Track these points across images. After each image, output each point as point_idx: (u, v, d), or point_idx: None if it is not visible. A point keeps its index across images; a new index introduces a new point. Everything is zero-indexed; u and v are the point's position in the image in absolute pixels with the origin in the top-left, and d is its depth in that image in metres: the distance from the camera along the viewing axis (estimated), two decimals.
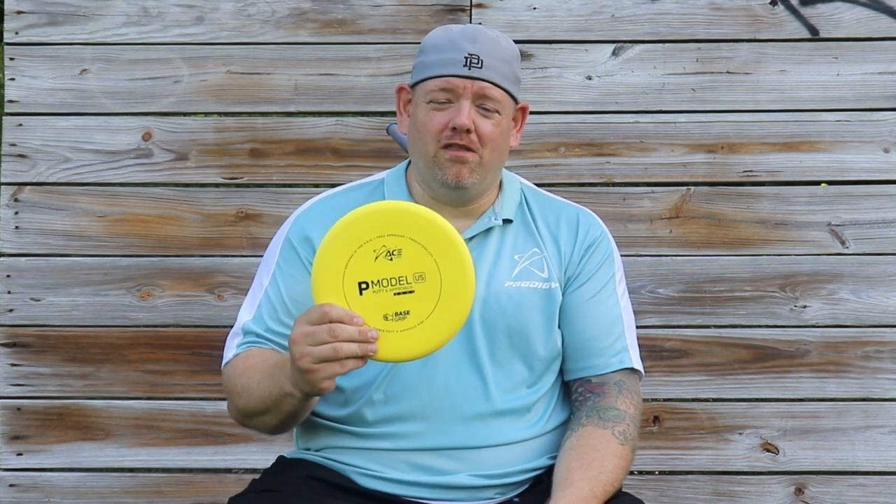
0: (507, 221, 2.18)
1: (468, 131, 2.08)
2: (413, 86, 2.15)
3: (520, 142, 2.22)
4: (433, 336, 1.86)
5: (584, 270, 2.18)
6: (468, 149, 2.09)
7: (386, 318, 1.85)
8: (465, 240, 2.09)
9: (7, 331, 3.08)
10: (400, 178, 2.21)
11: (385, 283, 1.85)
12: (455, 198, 2.14)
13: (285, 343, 2.11)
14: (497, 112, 2.11)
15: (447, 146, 2.09)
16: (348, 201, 2.18)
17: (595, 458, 2.03)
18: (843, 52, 3.07)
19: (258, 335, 2.14)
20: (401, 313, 1.85)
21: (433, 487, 2.08)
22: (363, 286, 1.85)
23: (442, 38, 2.12)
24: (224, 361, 2.16)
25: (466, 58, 2.08)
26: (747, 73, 3.08)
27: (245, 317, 2.17)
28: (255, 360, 2.09)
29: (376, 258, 1.85)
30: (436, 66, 2.10)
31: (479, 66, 2.08)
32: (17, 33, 3.11)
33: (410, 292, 1.85)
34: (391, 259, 1.85)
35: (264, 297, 2.16)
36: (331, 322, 1.83)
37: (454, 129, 2.08)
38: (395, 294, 1.85)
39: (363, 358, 1.85)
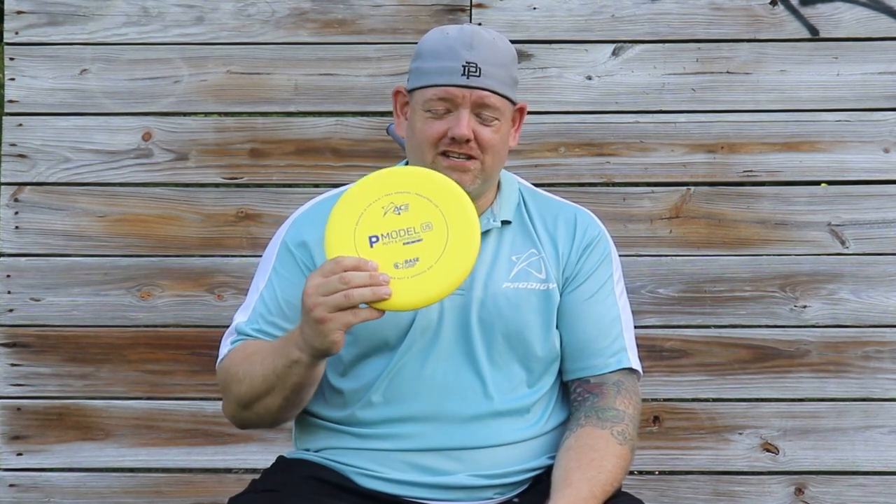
0: (505, 223, 2.18)
1: (467, 141, 2.07)
2: (410, 90, 2.15)
3: (518, 141, 2.22)
4: (444, 279, 1.92)
5: (582, 270, 2.18)
6: (469, 157, 2.09)
7: (397, 266, 1.91)
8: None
9: (7, 331, 3.08)
10: None
11: (394, 234, 1.93)
12: None
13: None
14: (496, 119, 2.10)
15: (445, 154, 2.09)
16: None
17: (594, 459, 2.03)
18: (843, 52, 3.07)
19: (249, 335, 2.14)
20: (411, 260, 1.92)
21: (432, 488, 2.08)
22: (373, 239, 1.92)
23: (439, 44, 2.10)
24: (219, 360, 2.16)
25: (464, 66, 2.07)
26: (747, 73, 3.08)
27: (239, 318, 2.17)
28: (255, 347, 2.10)
29: (385, 214, 1.94)
30: (433, 75, 2.09)
31: (478, 74, 2.07)
32: (17, 33, 3.11)
33: (419, 241, 1.93)
34: (399, 213, 1.94)
35: (259, 299, 2.16)
36: (343, 271, 1.87)
37: (453, 138, 2.07)
38: (404, 244, 1.93)
39: (378, 309, 1.88)
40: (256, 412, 2.09)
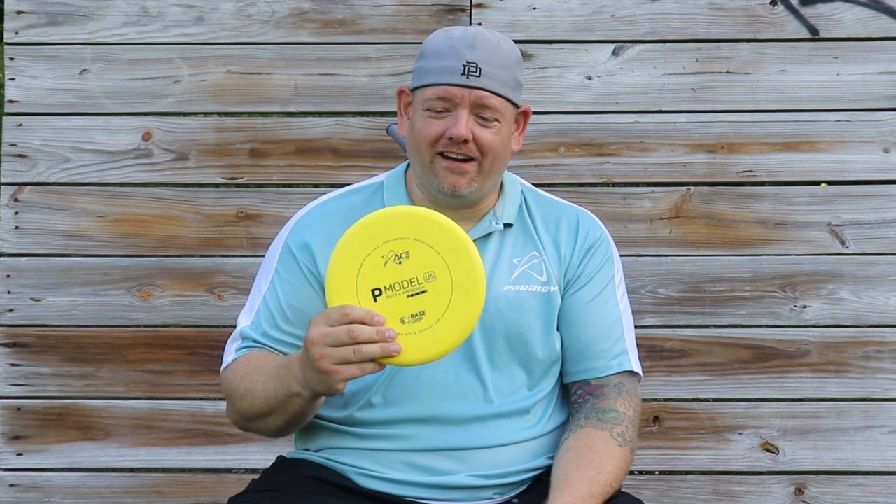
0: (507, 225, 2.18)
1: (465, 141, 2.07)
2: (413, 90, 2.14)
3: (522, 145, 2.22)
4: (452, 332, 1.87)
5: (584, 273, 2.18)
6: (467, 159, 2.08)
7: (403, 321, 1.86)
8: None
9: (7, 331, 3.08)
10: (399, 181, 2.21)
11: (397, 286, 1.87)
12: (454, 202, 2.13)
13: (283, 349, 2.12)
14: (496, 120, 2.10)
15: (443, 154, 2.08)
16: (347, 205, 2.18)
17: (593, 459, 2.03)
18: (843, 52, 3.07)
19: (255, 340, 2.14)
20: (417, 314, 1.86)
21: (432, 488, 2.08)
22: (376, 293, 1.87)
23: (442, 44, 2.10)
24: (223, 366, 2.16)
25: (465, 66, 2.07)
26: (747, 73, 3.08)
27: (244, 322, 2.17)
28: (258, 362, 2.09)
29: (385, 264, 1.87)
30: (434, 74, 2.09)
31: (478, 74, 2.07)
32: (17, 33, 3.11)
33: (423, 292, 1.87)
34: (400, 262, 1.87)
35: (262, 303, 2.16)
36: (352, 322, 1.83)
37: (451, 138, 2.07)
38: (408, 296, 1.87)
39: (381, 363, 1.85)
40: (258, 426, 2.11)
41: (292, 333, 2.12)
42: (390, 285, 1.86)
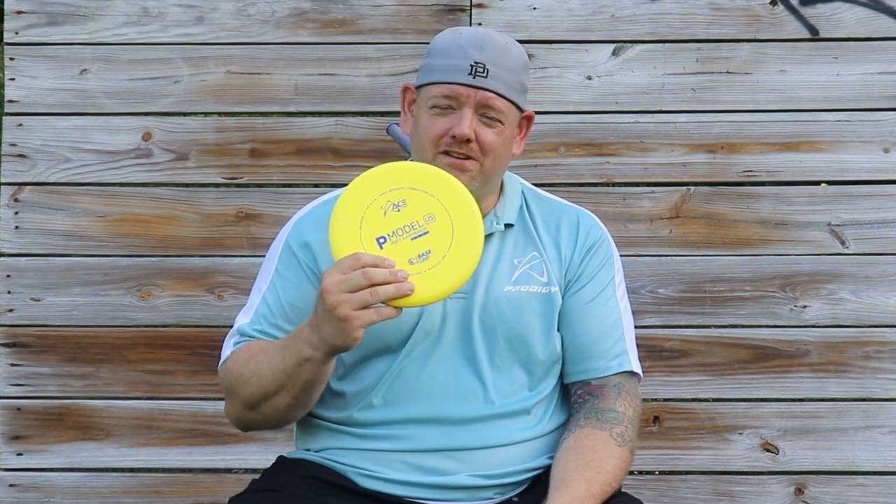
0: (507, 226, 2.18)
1: (468, 141, 2.07)
2: (418, 87, 2.14)
3: (523, 149, 2.22)
4: (460, 264, 1.93)
5: (585, 273, 2.18)
6: (468, 157, 2.08)
7: (411, 262, 1.92)
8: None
9: (7, 331, 3.08)
10: None
11: (400, 231, 1.93)
12: None
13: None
14: (500, 122, 2.10)
15: (445, 153, 2.08)
16: None
17: (592, 459, 2.03)
18: (843, 52, 3.07)
19: (252, 337, 2.13)
20: (423, 254, 1.93)
21: (432, 488, 2.08)
22: (381, 241, 1.93)
23: (450, 43, 2.10)
24: (221, 361, 2.15)
25: (472, 66, 2.07)
26: (747, 73, 3.08)
27: (242, 320, 2.16)
28: (261, 345, 2.08)
29: (385, 213, 1.94)
30: (441, 72, 2.09)
31: (485, 75, 2.07)
32: (17, 33, 3.11)
33: (426, 233, 1.94)
34: (399, 210, 1.94)
35: (262, 301, 2.15)
36: (364, 267, 1.86)
37: (454, 137, 2.07)
38: (412, 239, 1.93)
39: (398, 307, 1.88)
40: (263, 412, 2.08)
41: (289, 332, 2.11)
42: (393, 231, 1.93)
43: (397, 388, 2.09)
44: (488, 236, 2.16)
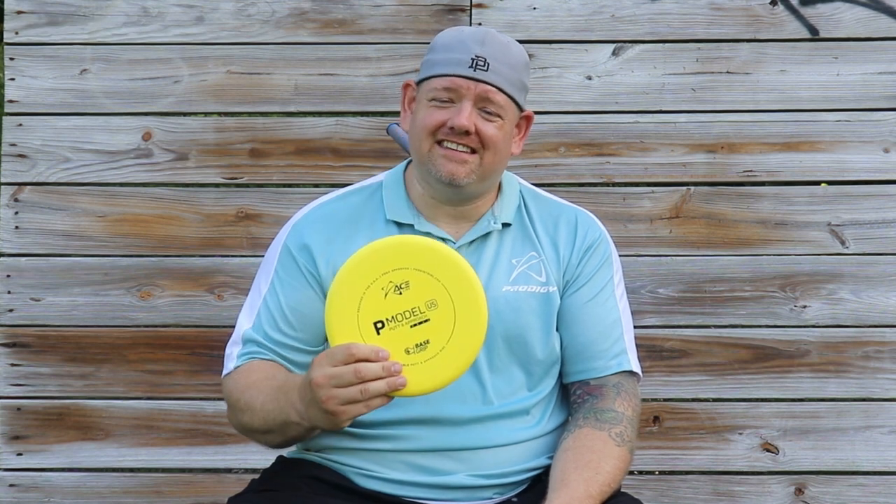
0: (505, 225, 2.18)
1: (467, 133, 2.07)
2: (419, 83, 2.15)
3: (522, 149, 2.22)
4: (458, 358, 1.87)
5: (583, 273, 2.18)
6: (470, 150, 2.08)
7: (408, 352, 1.86)
8: (464, 244, 2.10)
9: (7, 331, 3.08)
10: (398, 180, 2.21)
11: (400, 317, 1.86)
12: (452, 195, 2.13)
13: (283, 352, 2.11)
14: (499, 116, 2.10)
15: (440, 142, 2.08)
16: (346, 206, 2.18)
17: (591, 459, 2.03)
18: (843, 52, 3.07)
19: (258, 343, 2.13)
20: (421, 344, 1.86)
21: (432, 488, 2.08)
22: (379, 326, 1.86)
23: (452, 38, 2.11)
24: (225, 372, 2.16)
25: (473, 59, 2.07)
26: (747, 73, 3.08)
27: (244, 325, 2.16)
28: (258, 376, 2.08)
29: (385, 295, 1.86)
30: (441, 65, 2.09)
31: (485, 68, 2.07)
32: (17, 33, 3.11)
33: (426, 321, 1.86)
34: (400, 293, 1.86)
35: (263, 305, 2.15)
36: (356, 361, 1.83)
37: (452, 128, 2.07)
38: (411, 326, 1.86)
39: (388, 396, 1.85)
40: (256, 439, 2.12)
41: (293, 336, 2.12)
42: (392, 317, 1.86)
43: None
44: (486, 235, 2.16)
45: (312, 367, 1.86)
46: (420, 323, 1.86)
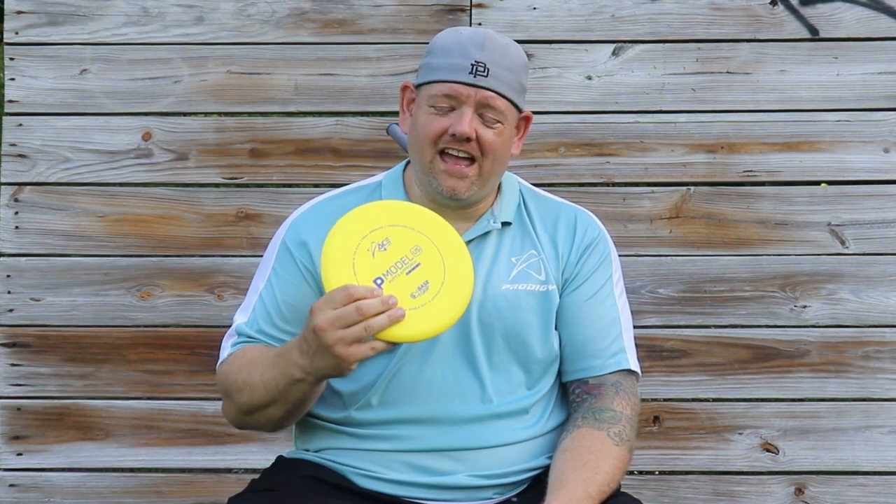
0: (505, 224, 2.18)
1: (468, 140, 2.07)
2: (418, 86, 2.14)
3: (521, 149, 2.22)
4: (460, 289, 1.94)
5: (582, 271, 2.18)
6: (468, 160, 2.08)
7: (413, 296, 1.91)
8: (463, 243, 2.11)
9: (7, 331, 3.08)
10: (397, 180, 2.21)
11: (393, 268, 1.92)
12: (452, 203, 2.13)
13: (278, 346, 2.10)
14: (499, 122, 2.10)
15: (443, 153, 2.08)
16: (344, 205, 2.17)
17: (590, 460, 2.03)
18: (843, 52, 3.07)
19: (250, 336, 2.14)
20: (422, 286, 1.92)
21: (431, 488, 2.08)
22: (379, 282, 1.91)
23: (451, 42, 2.10)
24: (219, 362, 2.16)
25: (473, 65, 2.07)
26: (747, 73, 3.08)
27: (239, 319, 2.16)
28: (254, 353, 2.08)
29: (374, 255, 1.92)
30: (441, 71, 2.08)
31: (485, 74, 2.07)
32: (17, 33, 3.11)
33: (418, 265, 1.93)
34: (385, 249, 1.94)
35: (258, 300, 2.15)
36: (356, 301, 1.84)
37: (453, 136, 2.07)
38: (407, 273, 1.92)
39: (391, 342, 1.87)
40: (257, 420, 2.09)
41: (288, 331, 2.12)
42: (387, 270, 1.92)
43: (395, 388, 2.09)
44: (485, 234, 2.16)
45: (312, 315, 1.87)
46: (414, 268, 1.93)
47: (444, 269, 1.94)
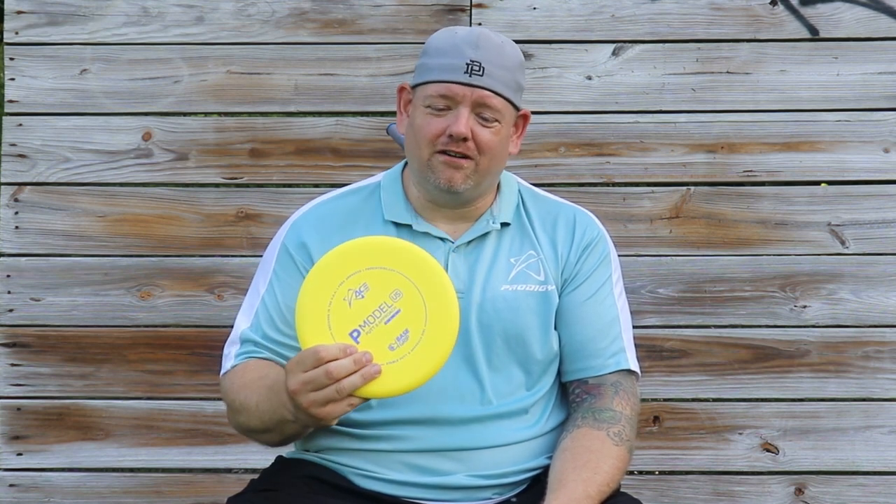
0: (504, 225, 2.18)
1: (465, 139, 2.07)
2: (414, 87, 2.14)
3: (520, 148, 2.21)
4: (443, 334, 1.87)
5: (581, 271, 2.18)
6: (465, 156, 2.08)
7: (392, 348, 1.85)
8: (462, 244, 2.11)
9: (7, 331, 3.08)
10: (396, 181, 2.21)
11: (371, 319, 1.86)
12: (450, 200, 2.13)
13: (282, 351, 2.11)
14: (496, 121, 2.10)
15: (442, 152, 2.08)
16: (344, 206, 2.18)
17: (589, 460, 2.03)
18: (843, 52, 3.06)
19: (255, 343, 2.14)
20: (401, 335, 1.86)
21: (431, 488, 2.08)
22: (355, 335, 1.86)
23: (446, 42, 2.10)
24: (222, 371, 2.16)
25: (468, 64, 2.07)
26: (747, 73, 3.07)
27: (242, 324, 2.16)
28: (251, 375, 2.08)
29: (350, 304, 1.86)
30: (436, 71, 2.09)
31: (480, 73, 2.07)
32: (17, 33, 3.11)
33: (398, 312, 1.86)
34: (363, 297, 1.86)
35: (261, 304, 2.16)
36: (326, 363, 1.83)
37: (450, 136, 2.07)
38: (385, 322, 1.86)
39: (365, 397, 1.85)
40: (256, 439, 2.12)
41: (291, 335, 2.11)
42: (364, 320, 1.86)
43: None
44: (484, 235, 2.16)
45: (287, 376, 1.87)
46: (393, 316, 1.85)
47: (426, 314, 1.85)
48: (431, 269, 1.88)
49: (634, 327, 2.24)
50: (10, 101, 3.10)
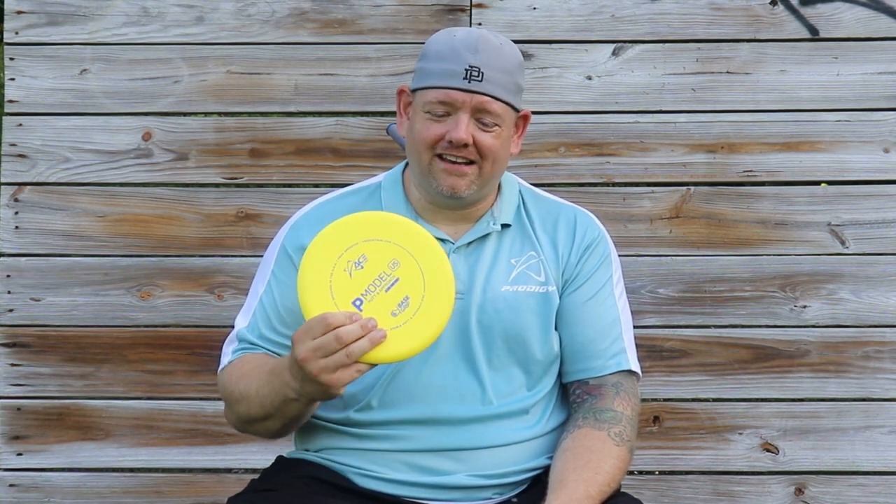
0: (504, 226, 2.18)
1: (465, 145, 2.07)
2: (413, 91, 2.14)
3: (521, 148, 2.21)
4: (442, 299, 1.91)
5: (582, 272, 2.18)
6: (468, 162, 2.08)
7: (394, 314, 1.89)
8: (463, 245, 2.11)
9: (7, 331, 3.08)
10: (396, 182, 2.21)
11: (372, 287, 1.90)
12: (452, 203, 2.13)
13: (278, 350, 2.12)
14: (497, 125, 2.09)
15: (441, 157, 2.08)
16: (344, 207, 2.18)
17: (590, 460, 2.03)
18: (843, 52, 3.07)
19: (251, 342, 2.15)
20: (402, 302, 1.90)
21: (431, 488, 2.08)
22: (358, 303, 1.90)
23: (444, 45, 2.09)
24: (220, 368, 2.17)
25: (467, 70, 2.06)
26: (747, 73, 3.08)
27: (240, 324, 2.17)
28: (250, 365, 2.09)
29: (350, 275, 1.91)
30: (436, 76, 2.08)
31: (480, 79, 2.06)
32: (17, 33, 3.11)
33: (397, 280, 1.91)
34: (362, 267, 1.91)
35: (259, 304, 2.16)
36: (335, 329, 1.85)
37: (450, 142, 2.06)
38: (386, 291, 1.90)
39: (373, 363, 1.87)
40: (256, 429, 2.12)
41: (288, 336, 2.11)
42: (366, 289, 1.90)
43: (395, 390, 2.10)
44: (485, 236, 2.16)
45: (294, 346, 1.88)
46: (393, 284, 1.91)
47: (424, 281, 1.91)
48: (425, 239, 1.94)
49: (634, 327, 2.24)
50: (10, 101, 3.10)
